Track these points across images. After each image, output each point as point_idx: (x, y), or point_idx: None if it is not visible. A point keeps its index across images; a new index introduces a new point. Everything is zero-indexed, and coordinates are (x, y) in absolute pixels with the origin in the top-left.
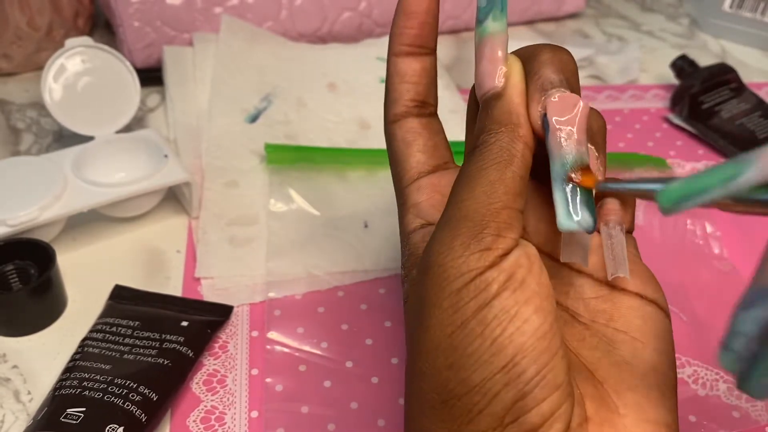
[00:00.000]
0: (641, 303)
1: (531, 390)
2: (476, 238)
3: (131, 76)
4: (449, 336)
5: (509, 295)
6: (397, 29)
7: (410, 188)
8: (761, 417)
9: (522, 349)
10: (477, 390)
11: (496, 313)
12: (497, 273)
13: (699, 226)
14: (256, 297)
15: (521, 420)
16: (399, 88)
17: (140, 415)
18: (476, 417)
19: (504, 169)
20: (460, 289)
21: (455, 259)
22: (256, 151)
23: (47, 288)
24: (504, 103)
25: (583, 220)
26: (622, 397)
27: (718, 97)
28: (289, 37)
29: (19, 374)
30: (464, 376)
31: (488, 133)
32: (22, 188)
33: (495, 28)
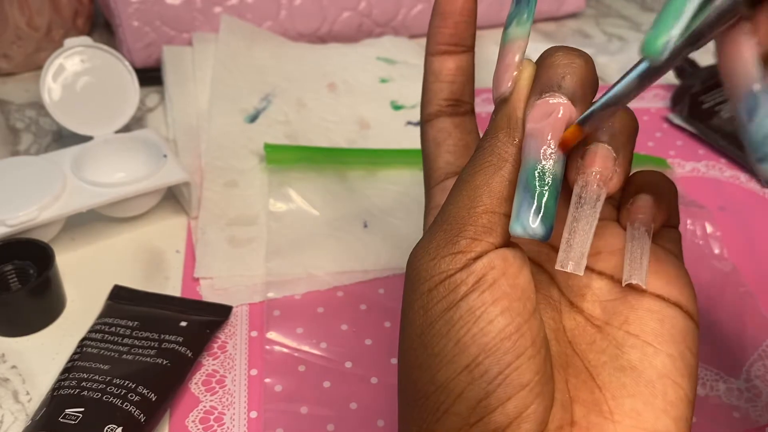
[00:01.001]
0: (662, 305)
1: (494, 389)
2: (451, 241)
3: (130, 76)
4: (419, 336)
5: (477, 297)
6: (432, 29)
7: (435, 189)
8: (761, 417)
9: (485, 349)
10: (442, 389)
11: (462, 314)
12: (466, 275)
13: (699, 226)
14: (255, 297)
15: (486, 420)
16: (433, 87)
17: (139, 415)
18: (443, 416)
19: (492, 174)
20: (430, 290)
21: (428, 262)
22: (256, 151)
23: (46, 288)
24: (506, 108)
25: (532, 228)
26: (619, 403)
27: (718, 97)
28: (288, 37)
29: (17, 374)
30: (431, 375)
31: (486, 137)
32: (21, 188)
33: (515, 34)
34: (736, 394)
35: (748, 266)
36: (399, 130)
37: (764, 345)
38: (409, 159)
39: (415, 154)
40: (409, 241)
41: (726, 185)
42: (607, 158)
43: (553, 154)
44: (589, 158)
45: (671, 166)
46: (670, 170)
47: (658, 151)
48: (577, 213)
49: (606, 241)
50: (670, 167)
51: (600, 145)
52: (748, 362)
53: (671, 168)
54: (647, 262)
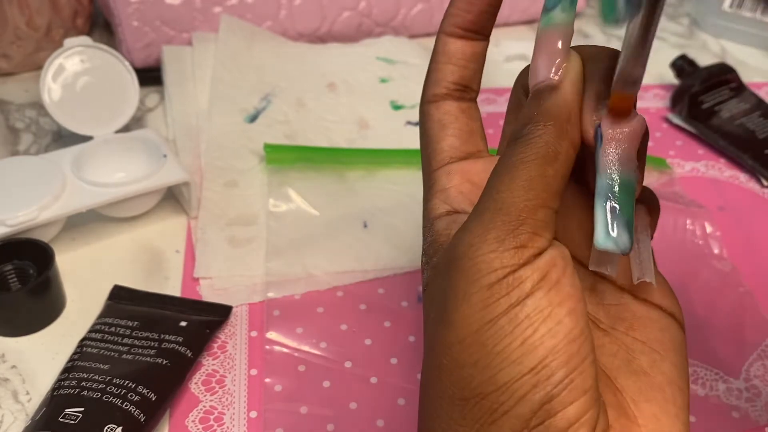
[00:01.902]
0: (660, 315)
1: (559, 393)
2: (512, 233)
3: (130, 76)
4: (476, 332)
5: (543, 295)
6: (455, 9)
7: (439, 172)
8: (761, 417)
9: (553, 351)
10: (504, 389)
11: (528, 313)
12: (531, 271)
13: (699, 226)
14: (255, 297)
15: (547, 423)
16: (444, 68)
17: (139, 415)
18: (500, 418)
19: (546, 166)
20: (491, 285)
21: (488, 254)
22: (256, 151)
23: (46, 288)
24: (558, 97)
25: (621, 241)
26: (639, 408)
27: (717, 97)
28: (288, 37)
29: (17, 374)
30: (490, 374)
31: (535, 124)
32: (21, 188)
33: (562, 19)
34: (736, 394)
35: (748, 266)
36: (399, 130)
37: (763, 345)
38: (409, 159)
39: (414, 154)
40: (409, 241)
41: (725, 185)
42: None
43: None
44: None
45: (671, 166)
46: (669, 170)
47: (657, 151)
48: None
49: None
50: (669, 167)
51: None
52: (748, 362)
53: (671, 168)
54: (653, 262)
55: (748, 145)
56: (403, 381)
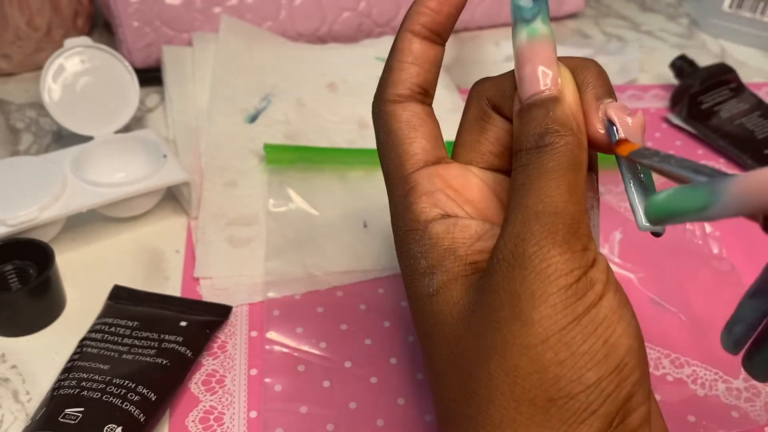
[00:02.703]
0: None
1: (636, 391)
2: (575, 236)
3: (130, 76)
4: (560, 332)
5: (613, 296)
6: (423, 8)
7: (418, 174)
8: (760, 417)
9: (630, 351)
10: (593, 388)
11: (606, 313)
12: (599, 273)
13: (698, 226)
14: (255, 297)
15: (626, 421)
16: (409, 68)
17: (139, 415)
18: (590, 417)
19: (577, 173)
20: (569, 286)
21: (560, 255)
22: (256, 151)
23: (46, 288)
24: (566, 107)
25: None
26: None
27: (717, 97)
28: (288, 37)
29: (17, 374)
30: (579, 374)
31: (556, 134)
32: (21, 188)
33: (546, 31)
34: (735, 394)
35: (747, 266)
36: None
37: None
38: None
39: None
40: None
41: None
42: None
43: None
44: None
45: None
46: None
47: None
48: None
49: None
50: None
51: None
52: None
53: None
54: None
55: (748, 145)
56: (403, 381)
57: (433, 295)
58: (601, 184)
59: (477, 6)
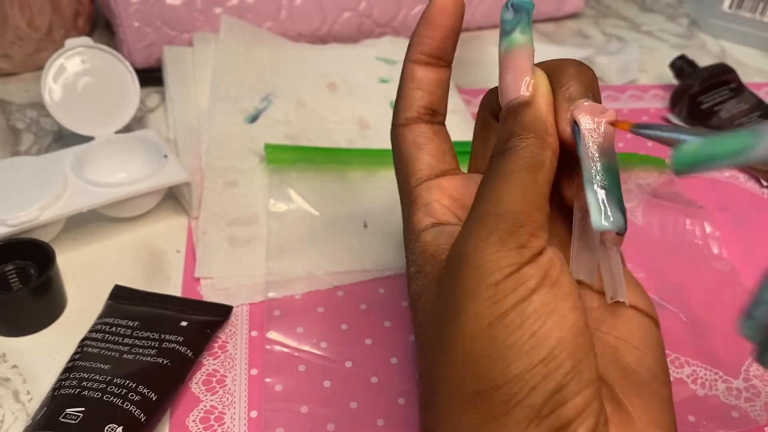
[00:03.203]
0: (637, 314)
1: (568, 383)
2: (513, 234)
3: (131, 77)
4: (488, 327)
5: (547, 291)
6: (419, 37)
7: (420, 188)
8: (760, 417)
9: (561, 343)
10: (516, 380)
11: (535, 307)
12: (534, 269)
13: (698, 226)
14: (255, 297)
15: (557, 413)
16: (413, 93)
17: (139, 415)
18: (514, 408)
19: (536, 173)
20: (498, 282)
21: (493, 253)
22: (256, 151)
23: (47, 288)
24: (533, 111)
25: (616, 220)
26: (631, 402)
27: (717, 97)
28: (288, 38)
29: (18, 374)
30: (503, 366)
31: (518, 137)
32: (21, 188)
33: (524, 40)
34: (735, 394)
35: (747, 266)
36: None
37: None
38: None
39: None
40: None
41: (725, 185)
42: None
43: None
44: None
45: None
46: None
47: (657, 152)
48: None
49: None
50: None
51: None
52: (747, 362)
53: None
54: (623, 280)
55: None
56: (404, 381)
57: (416, 299)
58: None
59: (477, 6)
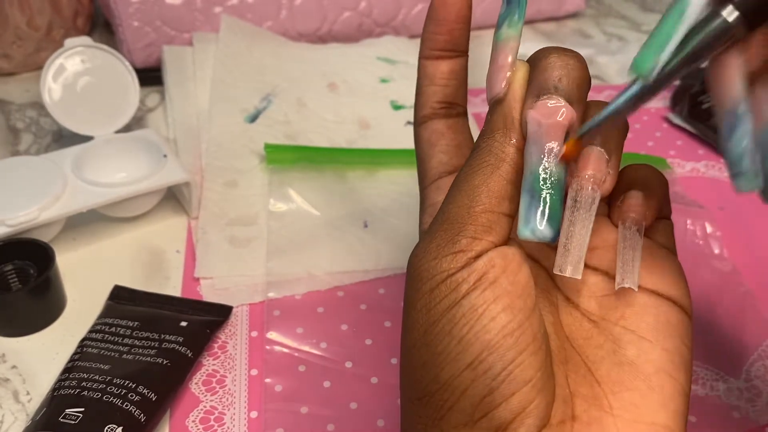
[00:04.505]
0: (656, 300)
1: (498, 386)
2: (451, 240)
3: (131, 76)
4: (422, 335)
5: (478, 295)
6: (427, 34)
7: (430, 188)
8: (761, 417)
9: (488, 346)
10: (446, 386)
11: (464, 312)
12: (468, 273)
13: (699, 226)
14: (255, 297)
15: (490, 415)
16: (426, 90)
17: (139, 415)
18: (447, 413)
19: (490, 174)
20: (432, 290)
21: (429, 261)
22: (256, 151)
23: (46, 288)
24: (501, 108)
25: (540, 231)
26: (618, 397)
27: None
28: (288, 37)
29: (18, 374)
30: (435, 373)
31: (482, 137)
32: (21, 188)
33: (507, 35)
34: (736, 394)
35: (748, 266)
36: (399, 130)
37: (764, 345)
38: (409, 159)
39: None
40: (409, 241)
41: (726, 185)
42: (600, 161)
43: (556, 157)
44: (582, 162)
45: (671, 166)
46: (669, 170)
47: (658, 151)
48: (573, 217)
49: (600, 237)
50: (669, 167)
51: (593, 147)
52: (748, 362)
53: (671, 168)
54: (638, 264)
55: None
56: None
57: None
58: None
59: (477, 6)
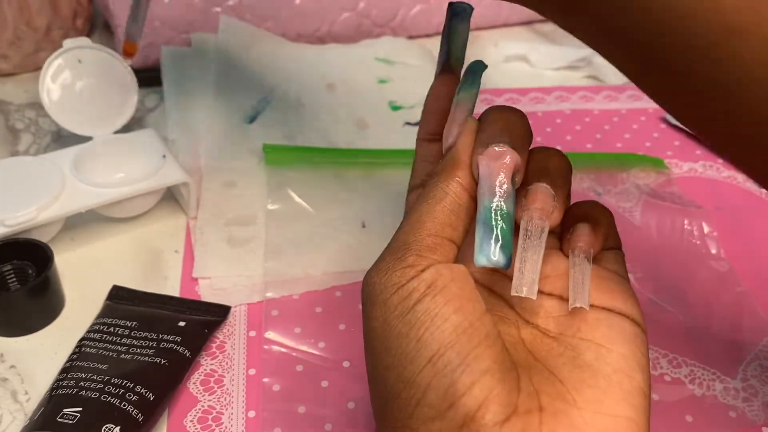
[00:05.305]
0: (609, 315)
1: (459, 377)
2: (400, 258)
3: (130, 77)
4: (383, 341)
5: (430, 300)
6: (421, 121)
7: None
8: (758, 417)
9: (444, 343)
10: (410, 384)
11: (419, 316)
12: (417, 282)
13: (696, 226)
14: (253, 297)
15: (456, 404)
16: (417, 167)
17: (137, 414)
18: (415, 409)
19: (435, 204)
20: (386, 300)
21: (381, 277)
22: (255, 152)
23: (45, 288)
24: (451, 153)
25: (495, 259)
26: (581, 393)
27: None
28: (287, 38)
29: (16, 374)
30: (398, 373)
31: (432, 177)
32: (20, 188)
33: (463, 97)
34: (733, 394)
35: (745, 266)
36: (397, 131)
37: (761, 345)
38: (407, 159)
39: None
40: None
41: (723, 185)
42: (546, 195)
43: (505, 192)
44: (531, 197)
45: (668, 166)
46: (667, 170)
47: (655, 152)
48: (525, 244)
49: (552, 266)
50: (667, 167)
51: (540, 185)
52: (745, 362)
53: (668, 168)
54: (588, 286)
55: None
56: None
57: None
58: (601, 184)
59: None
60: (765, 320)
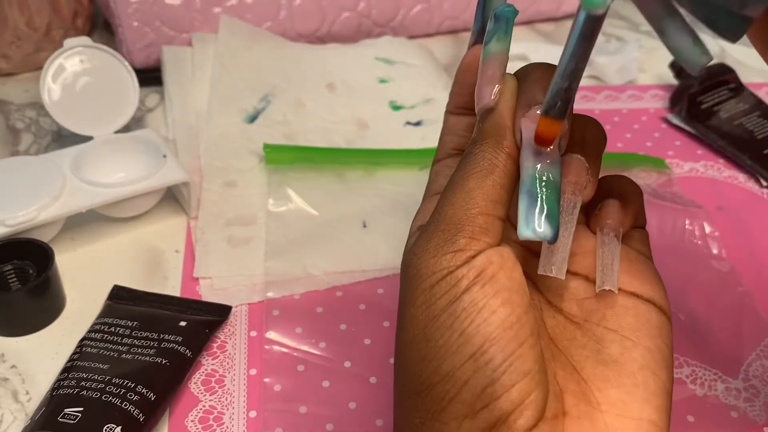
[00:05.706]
0: (636, 302)
1: (499, 377)
2: (450, 240)
3: (130, 77)
4: (422, 330)
5: (478, 290)
6: (451, 92)
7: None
8: (759, 417)
9: (489, 338)
10: (448, 378)
11: (465, 306)
12: (467, 270)
13: (697, 226)
14: (254, 297)
15: (491, 406)
16: (444, 139)
17: (138, 414)
18: (448, 404)
19: (484, 178)
20: (432, 286)
21: (429, 259)
22: (255, 152)
23: (46, 288)
24: (493, 117)
25: (542, 231)
26: (605, 394)
27: (716, 97)
28: (287, 38)
29: (17, 374)
30: (435, 365)
31: (475, 144)
32: (20, 188)
33: (497, 49)
34: (734, 394)
35: (746, 266)
36: (398, 131)
37: (762, 345)
38: (407, 159)
39: (413, 155)
40: None
41: (724, 185)
42: (580, 168)
43: (549, 159)
44: (564, 169)
45: (670, 166)
46: (668, 170)
47: (656, 152)
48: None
49: (579, 244)
50: (668, 167)
51: (573, 156)
52: (746, 362)
53: (670, 168)
54: (618, 267)
55: (747, 145)
56: None
57: None
58: None
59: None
60: (766, 320)
